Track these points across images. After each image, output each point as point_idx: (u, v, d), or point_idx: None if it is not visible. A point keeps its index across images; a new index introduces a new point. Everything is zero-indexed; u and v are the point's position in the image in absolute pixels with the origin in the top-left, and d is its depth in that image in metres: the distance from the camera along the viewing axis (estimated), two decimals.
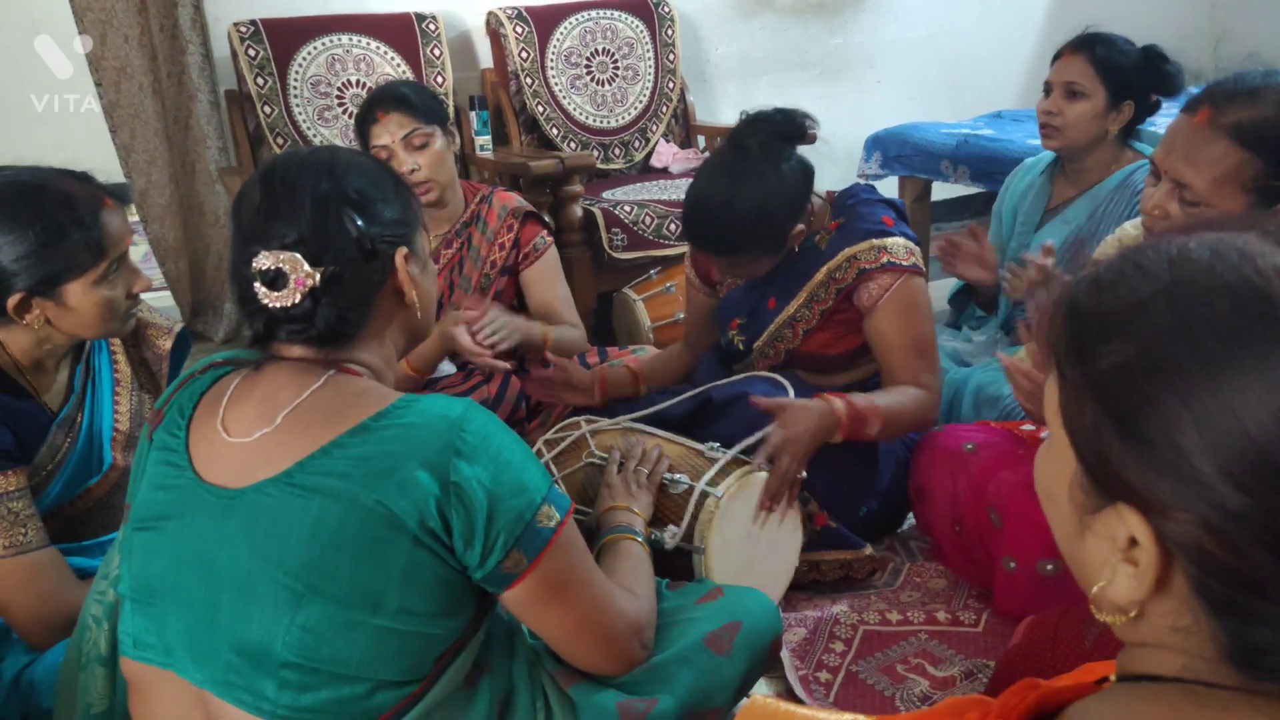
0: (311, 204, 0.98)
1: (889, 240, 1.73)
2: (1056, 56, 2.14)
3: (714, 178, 1.67)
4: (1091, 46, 2.08)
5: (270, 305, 0.97)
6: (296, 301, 0.97)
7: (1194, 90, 1.58)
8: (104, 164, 1.46)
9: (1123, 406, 0.52)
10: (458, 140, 2.18)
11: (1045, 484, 0.62)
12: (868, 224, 1.75)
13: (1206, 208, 1.34)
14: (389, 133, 2.01)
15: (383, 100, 2.03)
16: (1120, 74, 2.05)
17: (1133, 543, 0.53)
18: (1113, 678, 0.61)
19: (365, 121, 2.05)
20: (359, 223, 1.00)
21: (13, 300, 1.30)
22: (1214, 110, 1.34)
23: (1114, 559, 0.55)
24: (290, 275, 0.96)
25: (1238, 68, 4.21)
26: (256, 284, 0.97)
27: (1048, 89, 2.13)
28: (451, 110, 3.09)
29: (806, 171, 1.72)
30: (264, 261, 0.96)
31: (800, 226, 1.72)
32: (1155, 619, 0.55)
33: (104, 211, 1.34)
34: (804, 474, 1.58)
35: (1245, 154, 1.31)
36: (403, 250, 1.04)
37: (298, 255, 0.96)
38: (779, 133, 1.67)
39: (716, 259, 1.76)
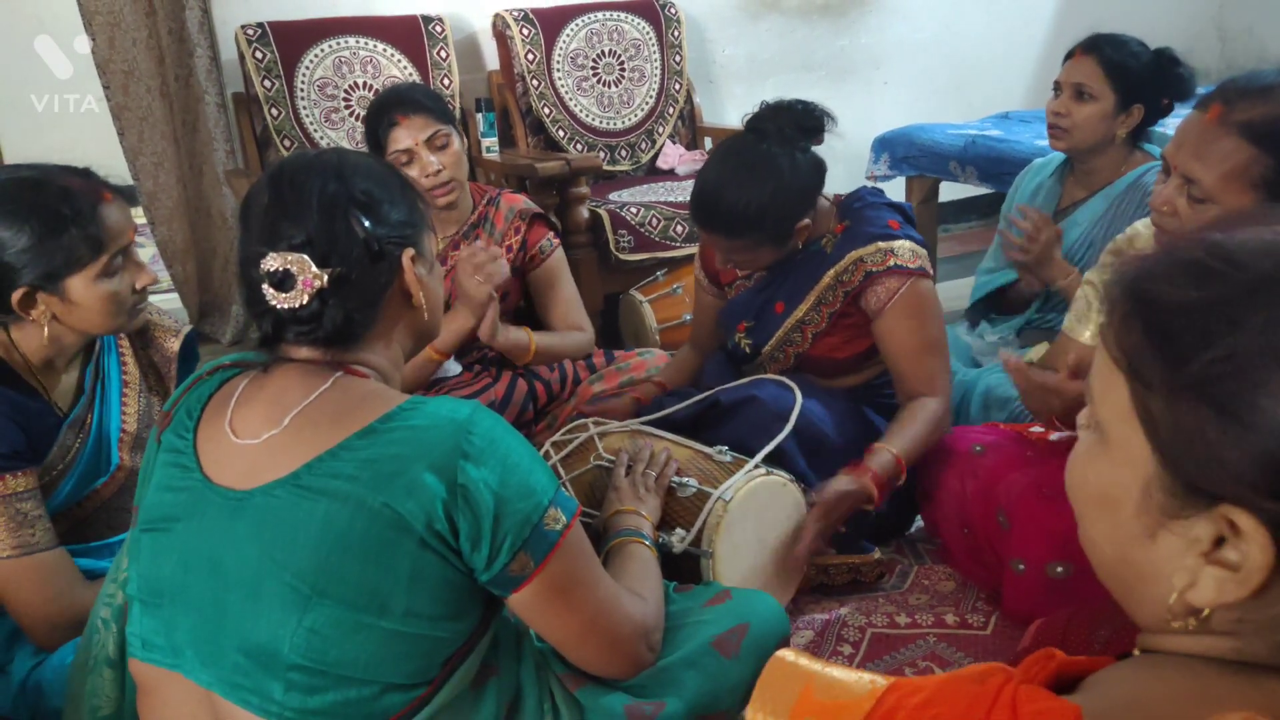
0: (319, 206, 0.99)
1: (895, 243, 1.72)
2: (1068, 56, 2.13)
3: (727, 159, 1.67)
4: (1101, 48, 2.07)
5: (278, 306, 0.97)
6: (305, 302, 0.97)
7: (1203, 91, 1.57)
8: (109, 166, 1.46)
9: (1241, 402, 0.51)
10: (466, 141, 2.19)
11: (1099, 489, 0.60)
12: (873, 227, 1.75)
13: (1213, 204, 1.33)
14: (411, 135, 2.00)
15: (401, 103, 2.02)
16: (1130, 77, 2.04)
17: (1217, 544, 0.52)
18: (1137, 652, 0.61)
19: (381, 125, 2.02)
20: (366, 224, 1.00)
21: (17, 294, 1.31)
22: (1225, 107, 1.33)
23: (1192, 562, 0.53)
24: (298, 276, 0.97)
25: (1246, 68, 4.20)
26: (265, 285, 0.97)
27: (1057, 89, 2.12)
28: (458, 112, 3.10)
29: (819, 167, 1.72)
30: (272, 263, 0.97)
31: (806, 221, 1.72)
32: (1222, 614, 0.54)
33: (102, 205, 1.35)
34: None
35: (1254, 151, 1.30)
36: (410, 251, 1.05)
37: (305, 256, 0.97)
38: (798, 124, 1.67)
39: (719, 241, 1.74)
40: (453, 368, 2.15)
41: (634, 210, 2.87)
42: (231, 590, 0.94)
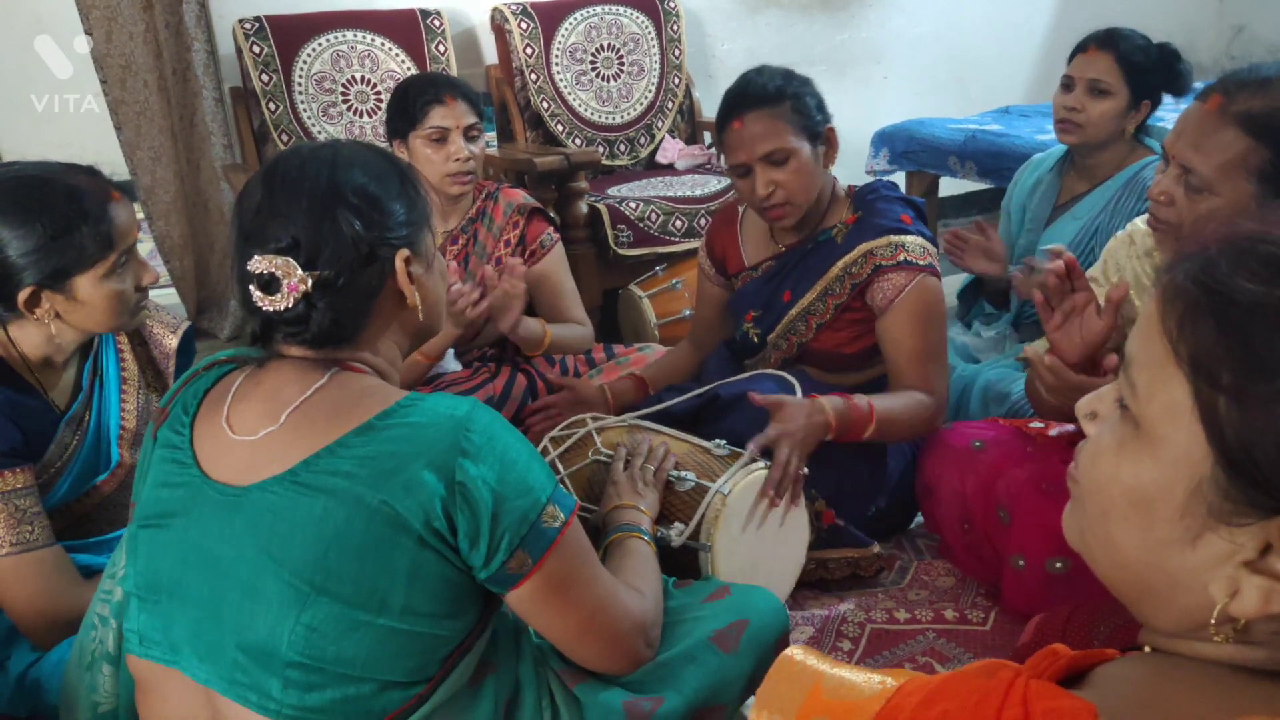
0: (308, 205, 0.97)
1: (906, 238, 1.73)
2: (1080, 50, 2.12)
3: (749, 73, 1.79)
4: (1118, 44, 2.05)
5: (264, 308, 0.96)
6: (289, 306, 0.96)
7: (1199, 85, 1.57)
8: (107, 163, 1.46)
9: None
10: None
11: (1134, 487, 0.56)
12: (885, 220, 1.75)
13: (1210, 194, 1.33)
14: (454, 118, 2.03)
15: (451, 86, 2.06)
16: (1142, 74, 2.03)
17: (1264, 552, 0.51)
18: (1147, 648, 0.59)
19: (421, 99, 2.03)
20: (357, 226, 0.98)
21: (23, 294, 1.30)
22: (1225, 97, 1.33)
23: (1233, 571, 0.52)
24: (283, 280, 0.95)
25: (1245, 62, 4.19)
26: (252, 286, 0.96)
27: (1069, 84, 2.10)
28: None
29: None
30: (258, 265, 0.95)
31: (831, 125, 1.76)
32: (1262, 625, 0.52)
33: (111, 204, 1.35)
34: (805, 470, 1.58)
35: (1251, 142, 1.30)
36: (403, 253, 1.03)
37: (291, 260, 0.95)
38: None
39: (759, 118, 1.72)
40: (451, 364, 2.15)
41: (633, 205, 2.86)
42: (229, 587, 0.94)
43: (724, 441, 1.61)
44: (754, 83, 1.74)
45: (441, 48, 3.11)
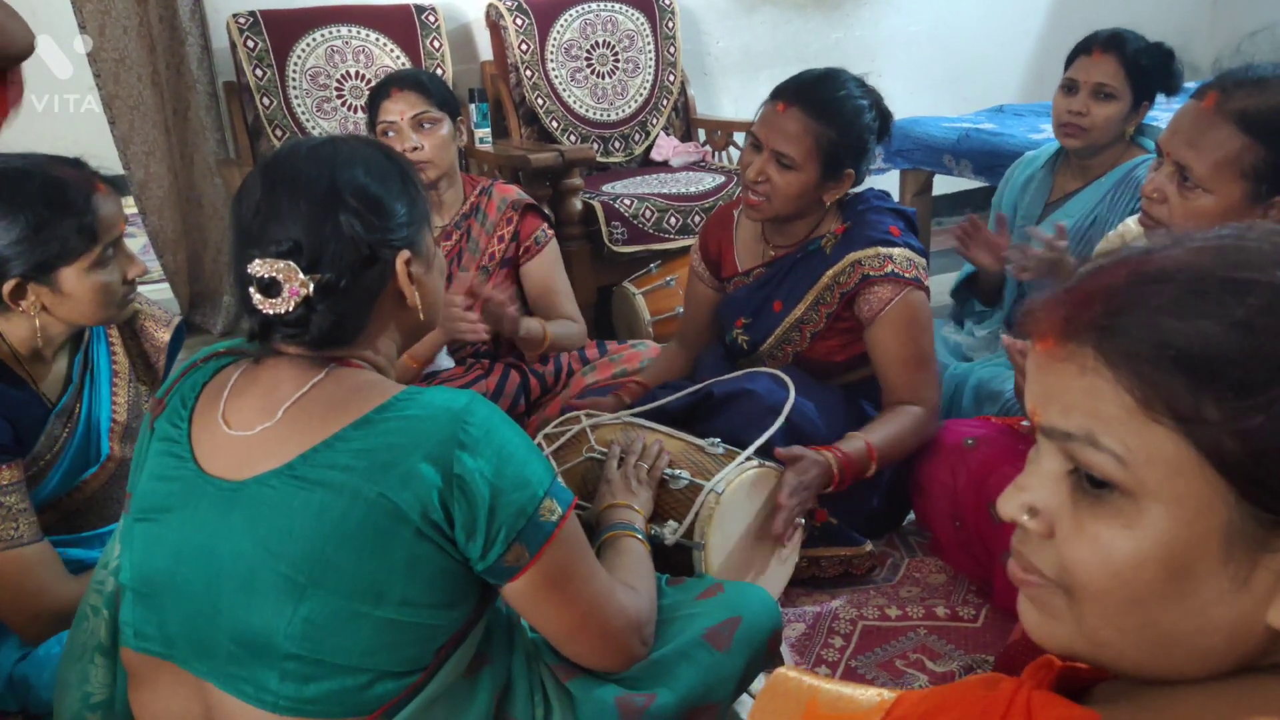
0: (309, 207, 0.96)
1: (894, 250, 1.73)
2: (1083, 52, 2.08)
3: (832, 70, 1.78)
4: (1122, 47, 2.02)
5: (264, 311, 0.96)
6: (290, 309, 0.95)
7: (1192, 85, 1.58)
8: (103, 159, 1.45)
9: None
10: (464, 136, 2.19)
11: (1164, 561, 0.51)
12: (875, 231, 1.75)
13: (1204, 192, 1.33)
14: (399, 110, 2.03)
15: (400, 80, 2.07)
16: (1144, 74, 2.02)
17: None
18: None
19: (378, 97, 2.06)
20: (358, 228, 0.97)
21: (8, 286, 1.30)
22: (1221, 95, 1.34)
23: None
24: (284, 284, 0.94)
25: (1236, 62, 4.20)
26: (251, 288, 0.96)
27: (1072, 87, 2.07)
28: None
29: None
30: (259, 269, 0.95)
31: (850, 172, 1.74)
32: None
33: (96, 196, 1.34)
34: (802, 521, 1.61)
35: (1247, 140, 1.30)
36: (404, 254, 1.02)
37: (292, 264, 0.94)
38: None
39: (794, 115, 1.70)
40: (445, 361, 2.15)
41: (627, 202, 2.86)
42: (225, 581, 0.94)
43: (718, 440, 1.61)
44: (827, 86, 1.71)
45: (436, 43, 3.11)
